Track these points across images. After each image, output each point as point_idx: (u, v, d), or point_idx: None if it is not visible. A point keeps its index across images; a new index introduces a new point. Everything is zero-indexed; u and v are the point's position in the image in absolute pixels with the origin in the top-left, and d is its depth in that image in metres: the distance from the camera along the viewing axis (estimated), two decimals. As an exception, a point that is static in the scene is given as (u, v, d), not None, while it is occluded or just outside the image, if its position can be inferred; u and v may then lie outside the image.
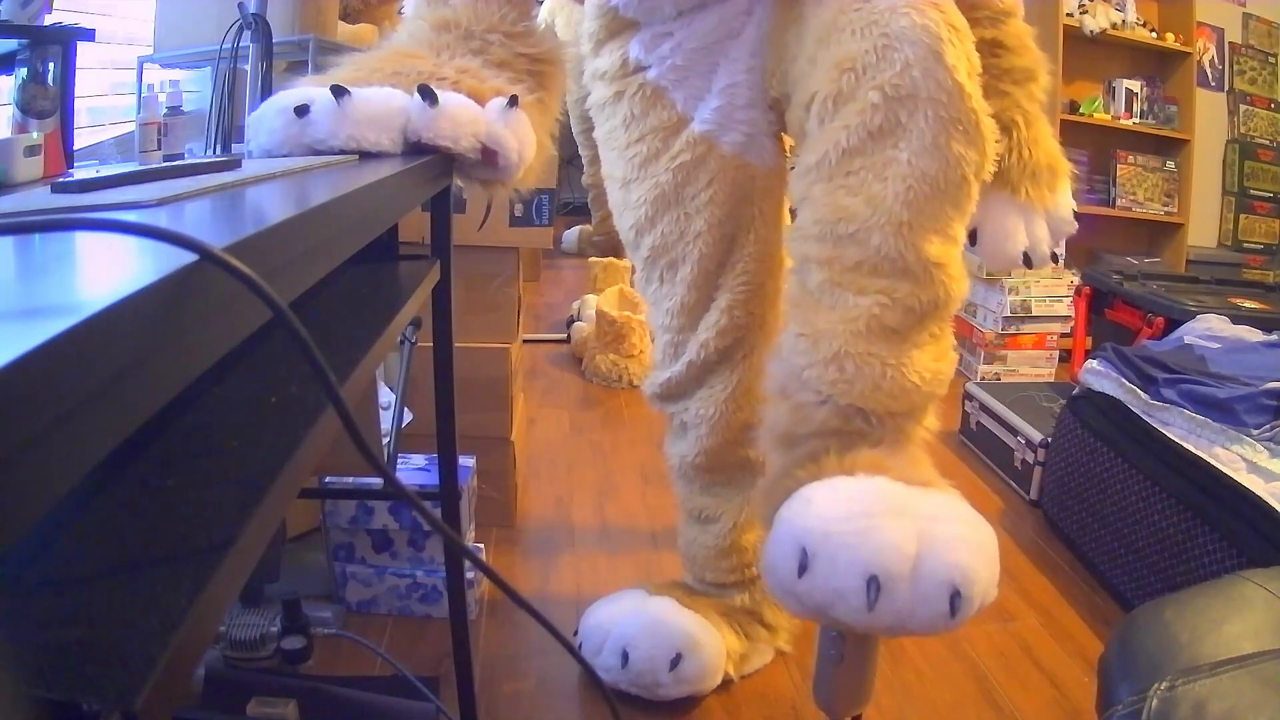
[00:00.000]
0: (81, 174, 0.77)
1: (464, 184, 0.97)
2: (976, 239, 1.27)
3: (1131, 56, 3.47)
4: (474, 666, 1.26)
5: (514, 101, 0.92)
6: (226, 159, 0.80)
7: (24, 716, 0.29)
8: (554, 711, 1.37)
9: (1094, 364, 1.92)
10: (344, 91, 0.83)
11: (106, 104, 1.66)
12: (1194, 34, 3.40)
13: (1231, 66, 3.55)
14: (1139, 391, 1.77)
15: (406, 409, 1.26)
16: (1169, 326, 2.29)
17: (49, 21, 1.01)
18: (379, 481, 1.34)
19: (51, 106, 0.96)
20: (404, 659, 1.38)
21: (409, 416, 1.37)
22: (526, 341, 2.61)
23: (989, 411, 2.30)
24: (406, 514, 1.50)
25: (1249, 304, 2.48)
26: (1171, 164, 3.50)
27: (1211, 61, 3.52)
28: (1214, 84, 3.53)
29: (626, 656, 1.31)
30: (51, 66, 0.96)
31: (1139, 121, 3.45)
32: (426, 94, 0.85)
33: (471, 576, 1.51)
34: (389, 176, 0.70)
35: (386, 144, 0.84)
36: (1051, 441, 2.01)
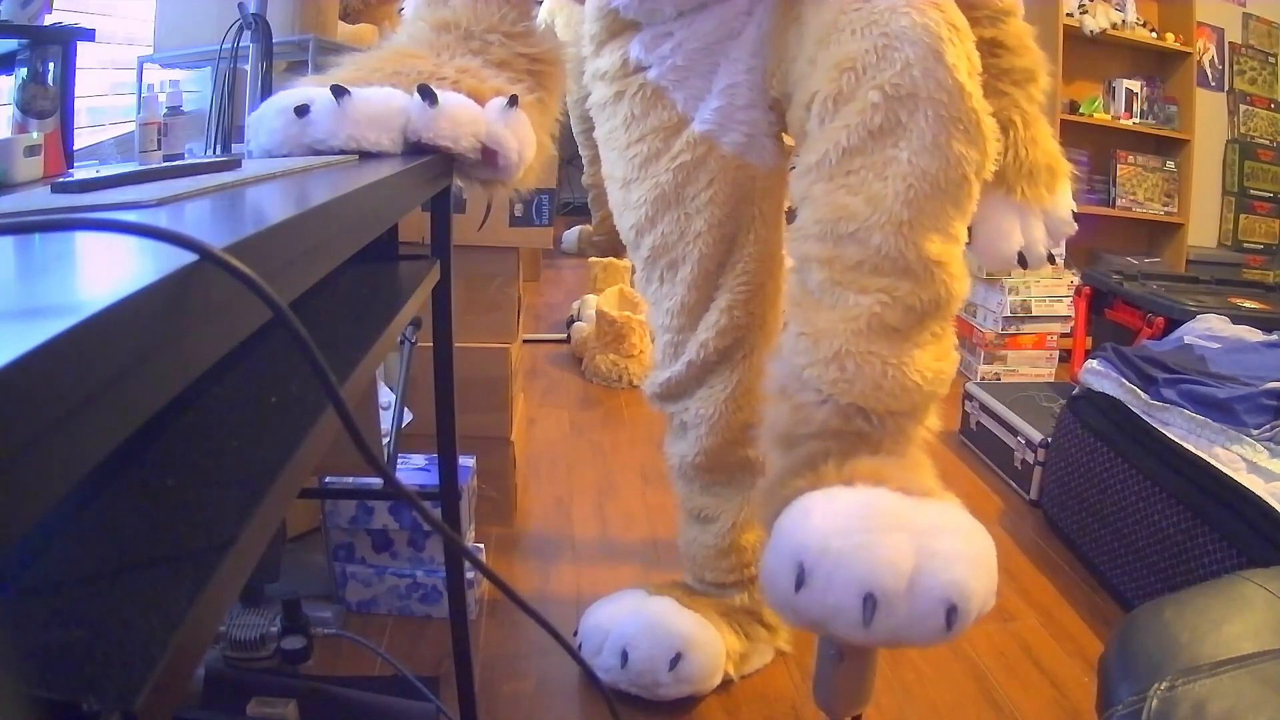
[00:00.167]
0: (81, 174, 0.77)
1: (464, 184, 0.97)
2: (971, 238, 1.27)
3: (1131, 56, 3.47)
4: (474, 666, 1.26)
5: (514, 101, 0.92)
6: (226, 159, 0.80)
7: (24, 716, 0.29)
8: (554, 711, 1.37)
9: (1094, 364, 1.92)
10: (344, 91, 0.83)
11: (106, 104, 1.66)
12: (1194, 34, 3.40)
13: (1231, 66, 3.55)
14: (1139, 391, 1.77)
15: (406, 409, 1.26)
16: (1169, 326, 2.29)
17: (49, 21, 1.01)
18: (379, 481, 1.34)
19: (51, 106, 0.96)
20: (404, 659, 1.38)
21: (409, 416, 1.37)
22: (526, 341, 2.61)
23: (989, 411, 2.30)
24: (406, 514, 1.50)
25: (1249, 304, 2.48)
26: (1171, 164, 3.50)
27: (1211, 61, 3.52)
28: (1214, 84, 3.53)
29: (626, 656, 1.31)
30: (51, 66, 0.96)
31: (1139, 121, 3.45)
32: (426, 94, 0.85)
33: (471, 576, 1.51)
34: (389, 176, 0.70)
35: (386, 144, 0.84)
36: (1051, 441, 2.01)
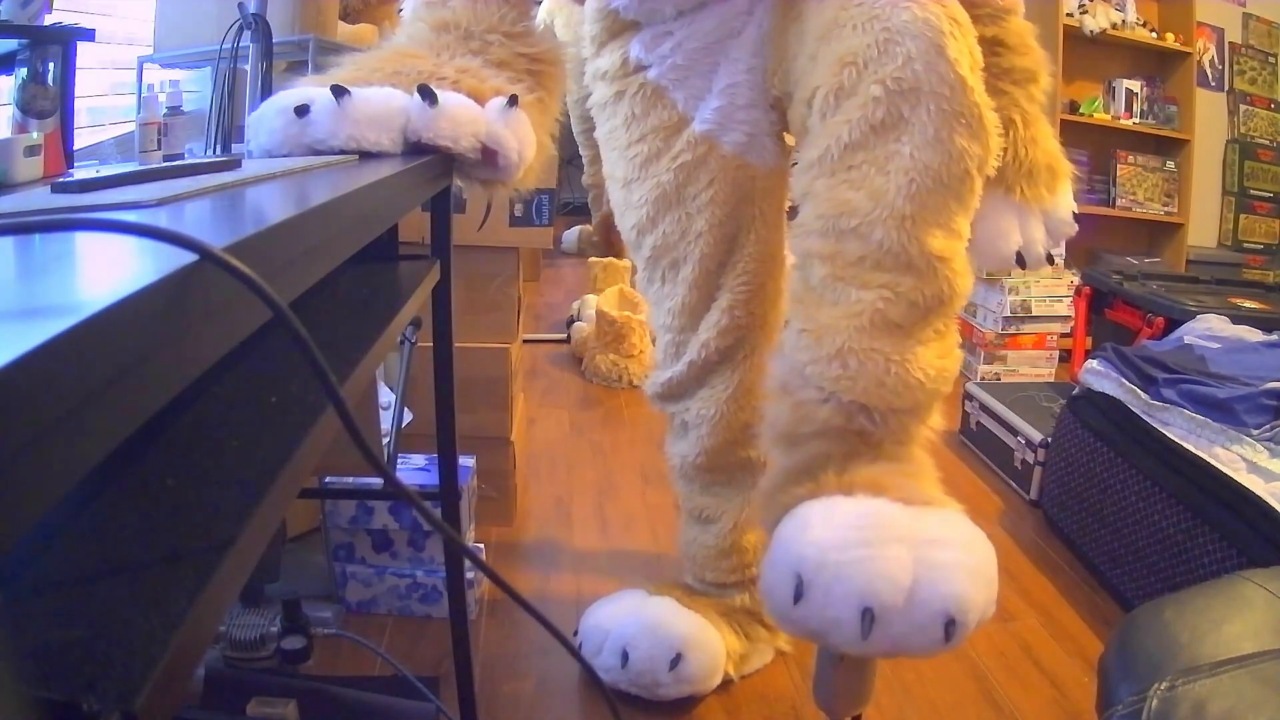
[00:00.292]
0: (81, 174, 0.77)
1: (464, 184, 0.97)
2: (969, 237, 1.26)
3: (1131, 56, 3.47)
4: (474, 666, 1.26)
5: (514, 101, 0.91)
6: (226, 159, 0.80)
7: (24, 716, 0.29)
8: (554, 711, 1.37)
9: (1094, 364, 1.92)
10: (344, 91, 0.83)
11: (106, 104, 1.66)
12: (1194, 34, 3.40)
13: (1231, 66, 3.55)
14: (1139, 391, 1.77)
15: (406, 409, 1.26)
16: (1169, 326, 2.29)
17: (49, 21, 1.01)
18: (379, 481, 1.34)
19: (51, 106, 0.96)
20: (404, 659, 1.38)
21: (409, 416, 1.37)
22: (526, 341, 2.61)
23: (989, 411, 2.30)
24: (406, 514, 1.50)
25: (1249, 304, 2.48)
26: (1171, 164, 3.50)
27: (1211, 61, 3.52)
28: (1214, 84, 3.53)
29: (626, 656, 1.31)
30: (51, 66, 0.96)
31: (1139, 121, 3.45)
32: (426, 94, 0.85)
33: (471, 576, 1.51)
34: (389, 176, 0.70)
35: (386, 144, 0.84)
36: (1051, 441, 2.01)
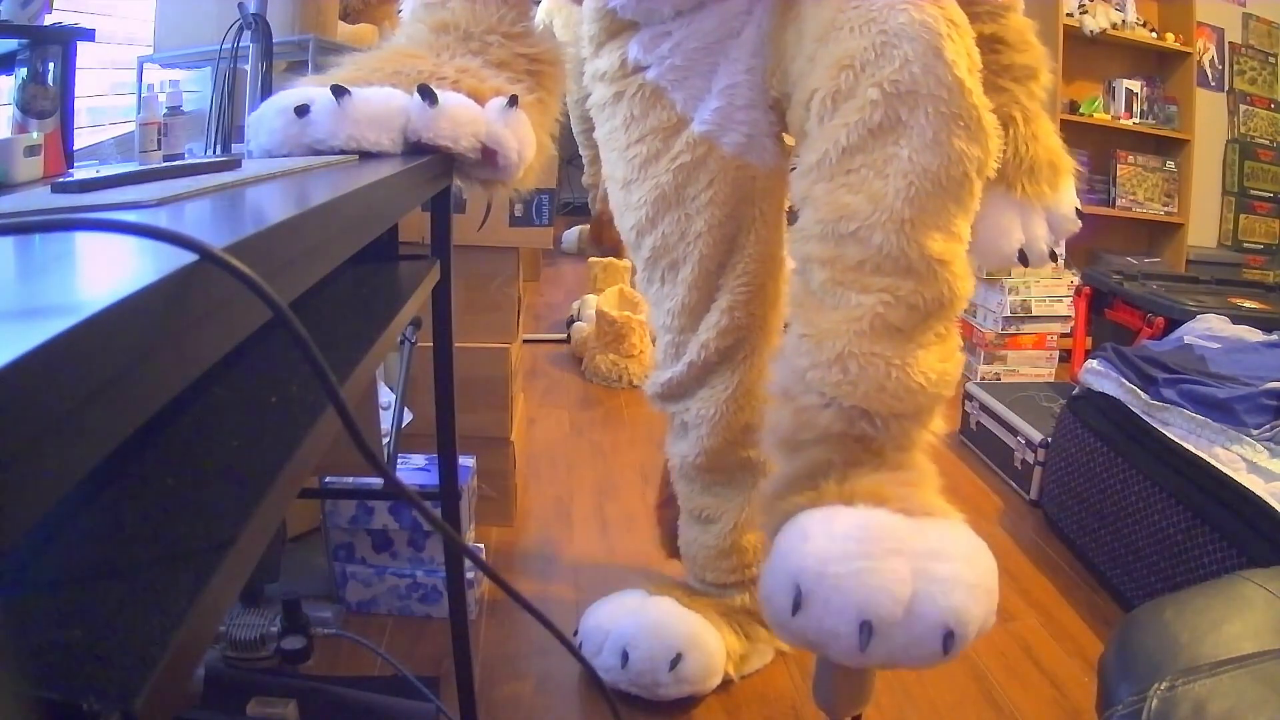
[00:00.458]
0: (81, 174, 0.77)
1: (464, 184, 0.97)
2: (971, 236, 1.26)
3: (1131, 56, 3.47)
4: (474, 666, 1.26)
5: (514, 101, 0.91)
6: (226, 159, 0.80)
7: (24, 716, 0.29)
8: (554, 711, 1.37)
9: (1094, 364, 1.92)
10: (344, 91, 0.83)
11: (106, 104, 1.66)
12: (1194, 34, 3.40)
13: (1231, 66, 3.55)
14: (1139, 391, 1.77)
15: (406, 409, 1.26)
16: (1169, 326, 2.29)
17: (49, 21, 1.01)
18: (379, 481, 1.34)
19: (51, 106, 0.96)
20: (404, 659, 1.38)
21: (409, 416, 1.37)
22: (526, 341, 2.61)
23: (989, 411, 2.30)
24: (406, 514, 1.50)
25: (1249, 304, 2.48)
26: (1171, 164, 3.50)
27: (1211, 61, 3.52)
28: (1214, 84, 3.53)
29: (626, 656, 1.31)
30: (51, 66, 0.96)
31: (1139, 121, 3.45)
32: (426, 94, 0.85)
33: (471, 576, 1.51)
34: (389, 176, 0.70)
35: (386, 144, 0.84)
36: (1051, 441, 2.01)
